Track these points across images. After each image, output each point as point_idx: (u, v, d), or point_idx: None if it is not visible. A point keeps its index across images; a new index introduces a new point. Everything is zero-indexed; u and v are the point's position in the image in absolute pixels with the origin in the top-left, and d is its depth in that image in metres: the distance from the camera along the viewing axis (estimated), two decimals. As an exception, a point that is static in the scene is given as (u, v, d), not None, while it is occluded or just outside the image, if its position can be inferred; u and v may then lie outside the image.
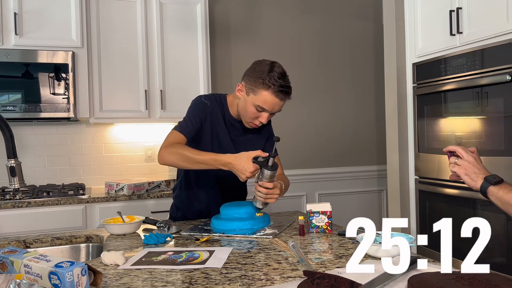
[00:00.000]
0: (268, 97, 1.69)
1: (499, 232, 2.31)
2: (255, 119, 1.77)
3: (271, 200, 1.68)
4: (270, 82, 1.67)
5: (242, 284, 1.07)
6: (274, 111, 1.76)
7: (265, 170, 1.63)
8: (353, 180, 4.07)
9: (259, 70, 1.72)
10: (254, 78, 1.71)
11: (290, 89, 1.72)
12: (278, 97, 1.69)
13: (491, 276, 0.97)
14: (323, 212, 1.60)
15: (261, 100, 1.70)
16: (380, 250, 1.22)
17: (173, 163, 1.73)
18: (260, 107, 1.72)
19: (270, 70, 1.70)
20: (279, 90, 1.68)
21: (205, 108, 1.83)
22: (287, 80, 1.72)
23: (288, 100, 1.77)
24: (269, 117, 1.79)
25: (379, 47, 4.00)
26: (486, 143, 2.38)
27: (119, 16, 3.13)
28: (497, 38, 2.32)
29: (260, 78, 1.69)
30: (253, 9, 3.77)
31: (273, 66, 1.72)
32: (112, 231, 1.66)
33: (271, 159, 1.64)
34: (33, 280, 0.99)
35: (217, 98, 1.89)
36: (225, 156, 1.65)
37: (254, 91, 1.71)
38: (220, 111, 1.86)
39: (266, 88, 1.68)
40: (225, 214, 1.71)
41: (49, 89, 2.90)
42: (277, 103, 1.71)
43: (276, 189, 1.67)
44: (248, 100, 1.74)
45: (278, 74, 1.69)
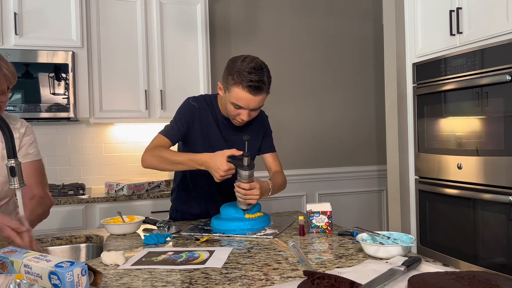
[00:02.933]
0: (239, 93, 1.64)
1: (499, 232, 2.31)
2: (236, 116, 1.74)
3: (251, 201, 1.64)
4: (239, 78, 1.63)
5: (242, 284, 1.07)
6: (251, 108, 1.69)
7: (240, 170, 1.61)
8: (353, 180, 4.07)
9: (231, 67, 1.68)
10: (226, 76, 1.69)
11: (262, 83, 1.64)
12: (249, 93, 1.63)
13: (491, 276, 0.97)
14: (323, 212, 1.60)
15: (234, 97, 1.67)
16: (380, 250, 1.22)
17: (154, 166, 1.74)
18: (236, 105, 1.68)
19: (240, 66, 1.65)
20: (249, 86, 1.62)
21: (193, 111, 1.82)
22: (259, 74, 1.64)
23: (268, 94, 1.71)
24: (251, 114, 1.73)
25: (379, 47, 4.00)
26: (486, 143, 2.38)
27: (119, 16, 3.14)
28: (497, 38, 2.32)
29: (231, 75, 1.66)
30: (253, 9, 3.77)
31: (243, 61, 1.66)
32: (112, 231, 1.66)
33: (245, 159, 1.59)
34: (33, 280, 0.99)
35: (207, 99, 1.87)
36: (201, 155, 1.65)
37: (228, 88, 1.69)
38: (210, 111, 1.84)
39: (237, 84, 1.64)
40: (225, 214, 1.71)
41: (49, 89, 2.90)
42: (250, 99, 1.65)
43: (254, 190, 1.63)
44: (226, 98, 1.72)
45: (249, 68, 1.63)
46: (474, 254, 2.47)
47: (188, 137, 1.84)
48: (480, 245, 2.43)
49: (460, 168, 2.54)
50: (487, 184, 2.37)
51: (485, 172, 2.38)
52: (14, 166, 1.25)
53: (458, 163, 2.54)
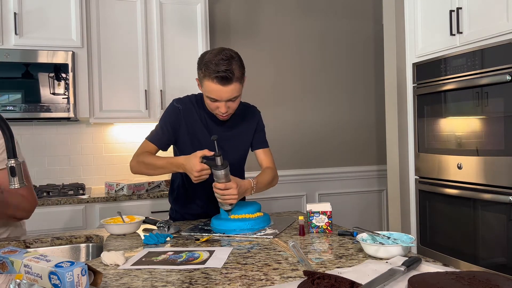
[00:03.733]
0: (210, 86, 1.65)
1: (499, 232, 2.31)
2: (216, 110, 1.74)
3: (229, 201, 1.63)
4: (207, 71, 1.63)
5: (242, 284, 1.07)
6: (224, 99, 1.67)
7: (214, 170, 1.60)
8: (353, 180, 4.07)
9: (200, 61, 1.69)
10: (198, 70, 1.71)
11: (229, 72, 1.62)
12: (219, 84, 1.63)
13: (491, 276, 0.97)
14: (323, 212, 1.60)
15: (207, 90, 1.67)
16: (380, 250, 1.22)
17: (141, 172, 1.79)
18: (210, 98, 1.69)
19: (208, 58, 1.65)
20: (216, 77, 1.62)
21: (177, 113, 1.83)
22: (226, 64, 1.62)
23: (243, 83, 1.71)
24: (229, 105, 1.72)
25: (379, 47, 4.00)
26: (486, 143, 2.38)
27: (119, 16, 3.14)
28: (497, 38, 2.32)
29: (200, 69, 1.67)
30: (253, 9, 3.77)
31: (211, 53, 1.66)
32: (112, 231, 1.66)
33: (217, 158, 1.57)
34: (33, 280, 0.99)
35: (192, 99, 1.87)
36: (178, 158, 1.68)
37: (201, 83, 1.70)
38: (196, 111, 1.84)
39: (206, 77, 1.65)
40: (225, 214, 1.71)
41: (49, 89, 2.90)
42: (220, 90, 1.64)
43: (231, 190, 1.61)
44: (203, 93, 1.74)
45: (216, 60, 1.62)
46: (474, 254, 2.47)
47: (177, 140, 1.85)
48: (480, 245, 2.43)
49: (460, 168, 2.54)
50: (487, 184, 2.38)
51: (485, 172, 2.38)
52: (14, 166, 1.25)
53: (458, 163, 2.54)
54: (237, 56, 1.69)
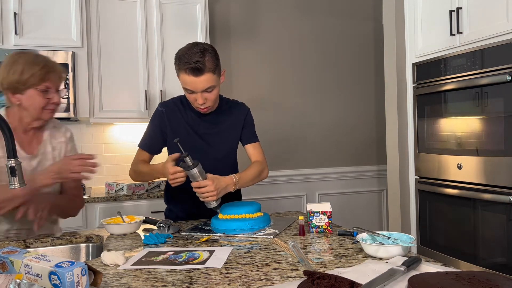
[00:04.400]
0: (184, 78, 1.72)
1: (499, 232, 2.31)
2: (194, 102, 1.79)
3: (209, 198, 1.66)
4: (180, 64, 1.71)
5: (242, 284, 1.07)
6: (199, 89, 1.73)
7: (187, 171, 1.64)
8: (353, 180, 4.07)
9: (175, 57, 1.76)
10: (175, 63, 1.76)
11: (200, 63, 1.68)
12: (192, 75, 1.70)
13: (491, 276, 0.97)
14: (323, 212, 1.60)
15: (183, 82, 1.75)
16: (380, 250, 1.22)
17: (138, 180, 1.96)
18: (187, 90, 1.76)
19: (181, 52, 1.73)
20: (187, 68, 1.69)
21: (161, 116, 1.90)
22: (198, 55, 1.68)
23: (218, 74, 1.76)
24: (206, 97, 1.76)
25: (379, 47, 4.00)
26: (486, 143, 2.38)
27: (119, 16, 3.14)
28: (497, 38, 2.32)
29: (176, 63, 1.75)
30: (253, 9, 3.77)
31: (185, 48, 1.74)
32: (112, 231, 1.66)
33: (186, 159, 1.63)
34: (33, 280, 0.99)
35: (176, 100, 1.93)
36: (157, 165, 1.78)
37: (178, 76, 1.77)
38: (180, 111, 1.88)
39: (180, 70, 1.72)
40: (225, 214, 1.71)
41: (49, 89, 2.90)
42: (195, 80, 1.71)
43: (207, 187, 1.64)
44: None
45: (189, 53, 1.70)
46: (474, 254, 2.47)
47: (167, 143, 1.91)
48: (480, 245, 2.43)
49: (460, 168, 2.54)
50: (487, 184, 2.38)
51: (485, 172, 2.38)
52: (14, 166, 1.25)
53: (458, 163, 2.54)
54: (211, 49, 1.75)
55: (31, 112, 1.64)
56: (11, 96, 1.61)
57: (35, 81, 1.58)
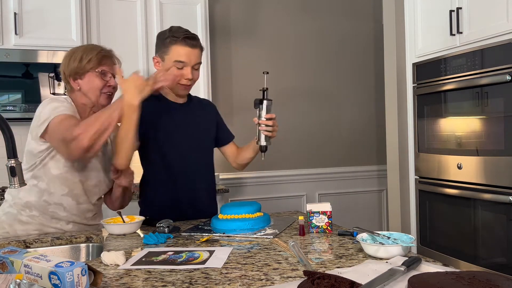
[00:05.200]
0: (179, 49, 1.77)
1: (499, 232, 2.31)
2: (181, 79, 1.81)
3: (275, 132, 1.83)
4: (175, 36, 1.77)
5: (242, 284, 1.07)
6: (192, 63, 1.80)
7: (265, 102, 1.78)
8: (353, 180, 4.07)
9: (161, 36, 1.83)
10: (161, 43, 1.82)
11: (196, 35, 1.82)
12: (188, 45, 1.77)
13: (491, 276, 0.97)
14: (323, 212, 1.60)
15: (176, 55, 1.78)
16: (380, 250, 1.22)
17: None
18: (178, 62, 1.78)
19: (170, 30, 1.81)
20: (185, 37, 1.77)
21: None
22: (188, 30, 1.82)
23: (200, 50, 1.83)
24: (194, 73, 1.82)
25: (379, 47, 4.00)
26: (486, 143, 2.38)
27: (119, 16, 3.14)
28: (497, 38, 2.32)
29: (166, 38, 1.80)
30: (253, 9, 3.77)
31: (172, 27, 1.83)
32: (112, 231, 1.66)
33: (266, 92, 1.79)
34: (33, 280, 0.99)
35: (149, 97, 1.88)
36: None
37: (166, 51, 1.80)
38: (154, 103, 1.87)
39: (174, 42, 1.77)
40: (225, 214, 1.71)
41: (49, 89, 2.90)
42: (190, 52, 1.78)
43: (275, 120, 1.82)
44: (166, 65, 1.81)
45: (181, 30, 1.80)
46: (474, 254, 2.47)
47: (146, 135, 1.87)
48: (480, 245, 2.43)
49: (460, 168, 2.54)
50: (487, 184, 2.38)
51: (485, 172, 2.38)
52: (14, 166, 1.25)
53: (458, 163, 2.54)
54: None
55: (90, 96, 1.74)
56: (72, 82, 1.74)
57: (93, 65, 1.72)
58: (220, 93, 3.63)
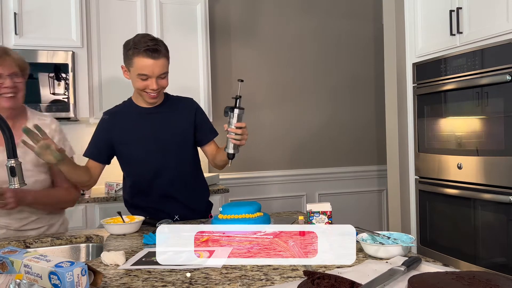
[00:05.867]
0: (141, 61, 1.75)
1: (499, 232, 2.31)
2: (145, 89, 1.80)
3: (244, 141, 1.74)
4: (137, 48, 1.74)
5: (242, 284, 1.07)
6: (156, 74, 1.77)
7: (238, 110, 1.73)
8: (353, 180, 4.07)
9: (126, 46, 1.81)
10: (125, 52, 1.80)
11: (159, 46, 1.76)
12: (150, 57, 1.74)
13: (491, 276, 0.97)
14: (323, 212, 1.60)
15: (139, 68, 1.75)
16: (380, 250, 1.22)
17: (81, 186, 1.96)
18: (142, 75, 1.76)
19: (134, 40, 1.79)
20: (146, 50, 1.73)
21: (104, 124, 1.92)
22: (153, 40, 1.77)
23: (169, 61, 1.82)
24: (159, 83, 1.79)
25: (379, 47, 4.00)
26: (486, 143, 2.38)
27: (119, 16, 3.13)
28: (497, 38, 2.32)
29: (129, 49, 1.78)
30: (253, 9, 3.77)
31: (136, 37, 1.81)
32: (112, 231, 1.66)
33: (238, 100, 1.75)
34: (33, 280, 0.99)
35: (120, 105, 1.97)
36: None
37: (130, 63, 1.78)
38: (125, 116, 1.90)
39: (136, 54, 1.75)
40: (225, 214, 1.71)
41: (49, 89, 2.90)
42: (152, 63, 1.74)
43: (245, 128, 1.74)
44: (132, 75, 1.81)
45: (144, 39, 1.77)
46: (474, 254, 2.47)
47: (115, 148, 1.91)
48: (480, 245, 2.43)
49: (460, 168, 2.54)
50: (487, 184, 2.38)
51: (485, 172, 2.38)
52: (14, 166, 1.25)
53: (458, 163, 2.54)
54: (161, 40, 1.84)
55: None
56: None
57: None
58: (220, 93, 3.63)
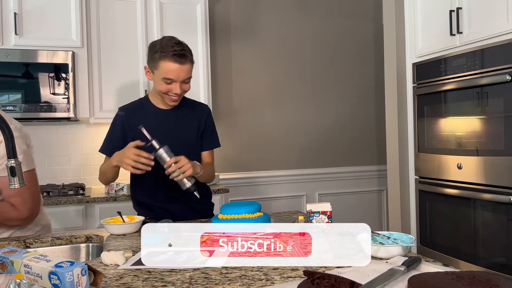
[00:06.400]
0: (167, 66, 1.75)
1: (499, 232, 2.31)
2: (168, 92, 1.81)
3: (188, 172, 1.69)
4: (164, 52, 1.74)
5: (242, 284, 1.07)
6: (181, 78, 1.78)
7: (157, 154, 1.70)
8: (353, 180, 4.07)
9: (153, 46, 1.81)
10: (151, 55, 1.80)
11: (185, 51, 1.77)
12: (177, 62, 1.75)
13: (491, 276, 0.97)
14: (323, 212, 1.60)
15: (164, 71, 1.76)
16: (380, 250, 1.22)
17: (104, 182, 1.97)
18: (167, 79, 1.77)
19: (160, 42, 1.78)
20: (174, 55, 1.74)
21: (120, 120, 1.93)
22: (180, 45, 1.78)
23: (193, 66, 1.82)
24: (183, 87, 1.81)
25: (379, 47, 4.00)
26: (486, 143, 2.38)
27: (119, 16, 3.13)
28: (497, 38, 2.32)
29: (155, 52, 1.77)
30: (253, 9, 3.77)
31: (163, 39, 1.80)
32: (112, 231, 1.66)
33: (153, 142, 1.71)
34: (33, 280, 0.99)
35: (135, 103, 1.99)
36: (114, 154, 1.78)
37: (155, 66, 1.78)
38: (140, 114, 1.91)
39: (163, 58, 1.75)
40: (225, 214, 1.71)
41: (49, 89, 2.90)
42: (179, 68, 1.76)
43: (181, 161, 1.69)
44: (155, 78, 1.82)
45: (171, 43, 1.76)
46: (474, 254, 2.47)
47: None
48: (480, 245, 2.43)
49: (460, 168, 2.54)
50: (487, 184, 2.38)
51: (485, 172, 2.38)
52: (14, 166, 1.25)
53: (458, 163, 2.54)
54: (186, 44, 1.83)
55: None
56: None
57: None
58: (220, 93, 3.63)
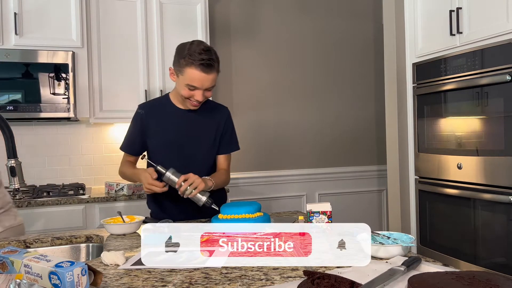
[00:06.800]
0: (193, 73, 1.73)
1: (499, 232, 2.31)
2: (190, 98, 1.81)
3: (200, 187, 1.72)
4: (191, 59, 1.72)
5: (242, 284, 1.07)
6: (205, 87, 1.77)
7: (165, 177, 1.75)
8: (353, 180, 4.07)
9: (181, 51, 1.77)
10: (178, 59, 1.78)
11: (213, 61, 1.74)
12: (202, 71, 1.72)
13: (491, 276, 0.97)
14: (323, 212, 1.60)
15: (189, 78, 1.75)
16: (380, 250, 1.22)
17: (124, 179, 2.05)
18: (190, 86, 1.76)
19: (189, 48, 1.75)
20: (201, 64, 1.71)
21: (140, 118, 1.93)
22: (208, 53, 1.74)
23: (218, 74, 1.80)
24: (205, 94, 1.81)
25: (379, 47, 4.00)
26: (486, 143, 2.38)
27: (119, 16, 3.13)
28: (497, 38, 2.32)
29: (182, 58, 1.75)
30: (253, 9, 3.77)
31: (192, 44, 1.77)
32: (112, 231, 1.66)
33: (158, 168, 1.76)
34: (33, 280, 0.99)
35: (157, 101, 2.00)
36: (138, 170, 1.88)
37: (181, 71, 1.77)
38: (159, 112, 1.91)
39: (189, 65, 1.73)
40: (225, 214, 1.71)
41: (49, 89, 2.90)
42: (204, 77, 1.74)
43: (190, 178, 1.72)
44: (179, 82, 1.81)
45: (199, 50, 1.73)
46: (474, 254, 2.47)
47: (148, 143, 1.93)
48: (480, 245, 2.43)
49: (460, 168, 2.54)
50: (487, 184, 2.37)
51: (485, 172, 2.38)
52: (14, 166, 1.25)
53: (458, 163, 2.54)
54: (214, 49, 1.81)
55: None
56: None
57: None
58: (220, 93, 3.63)
